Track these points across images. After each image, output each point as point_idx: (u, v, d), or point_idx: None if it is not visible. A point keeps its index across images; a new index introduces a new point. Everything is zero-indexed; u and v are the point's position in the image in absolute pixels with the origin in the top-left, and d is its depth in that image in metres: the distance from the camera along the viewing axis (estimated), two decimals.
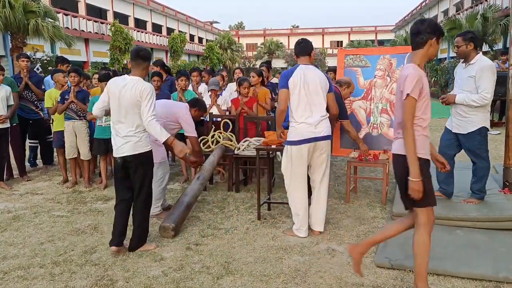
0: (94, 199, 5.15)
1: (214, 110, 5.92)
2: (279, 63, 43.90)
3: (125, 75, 3.62)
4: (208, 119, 5.80)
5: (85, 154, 5.65)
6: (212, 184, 5.70)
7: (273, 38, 50.19)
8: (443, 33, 2.71)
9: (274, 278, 3.08)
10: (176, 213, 4.00)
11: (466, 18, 18.97)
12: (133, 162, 3.48)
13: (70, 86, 5.59)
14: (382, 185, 4.86)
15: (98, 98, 5.28)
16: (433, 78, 27.14)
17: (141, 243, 3.60)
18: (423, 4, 38.10)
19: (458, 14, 26.65)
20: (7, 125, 5.70)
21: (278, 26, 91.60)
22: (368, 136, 4.95)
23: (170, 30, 36.58)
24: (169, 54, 30.87)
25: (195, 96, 5.81)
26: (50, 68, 12.21)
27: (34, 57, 13.97)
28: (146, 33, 31.97)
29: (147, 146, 3.52)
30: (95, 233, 4.04)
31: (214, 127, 5.65)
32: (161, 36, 34.33)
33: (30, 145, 6.80)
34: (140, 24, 33.25)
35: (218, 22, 54.75)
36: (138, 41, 28.06)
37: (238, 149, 5.35)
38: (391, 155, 2.79)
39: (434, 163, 2.97)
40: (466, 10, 25.24)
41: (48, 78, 6.82)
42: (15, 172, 6.30)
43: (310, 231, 3.90)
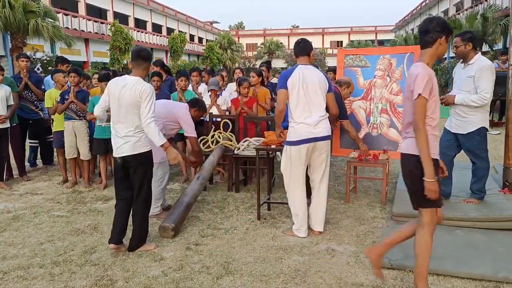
0: (94, 199, 5.15)
1: (214, 110, 5.91)
2: (279, 63, 43.90)
3: (125, 75, 3.62)
4: (208, 119, 5.80)
5: (85, 154, 5.65)
6: (212, 184, 5.70)
7: (273, 38, 50.22)
8: (452, 31, 2.68)
9: (274, 278, 3.08)
10: (176, 213, 4.00)
11: (466, 18, 18.98)
12: (132, 162, 3.48)
13: (70, 86, 5.60)
14: (382, 185, 4.86)
15: (98, 98, 5.33)
16: None
17: (140, 243, 3.60)
18: (423, 4, 38.12)
19: (458, 14, 26.67)
20: (7, 125, 5.71)
21: (278, 26, 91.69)
22: (368, 136, 4.95)
23: (170, 30, 36.59)
24: (169, 54, 30.88)
25: (195, 96, 5.81)
26: (50, 68, 12.21)
27: (34, 57, 13.97)
28: (146, 33, 31.98)
29: (147, 146, 3.52)
30: (95, 233, 4.04)
31: (214, 127, 5.65)
32: (161, 36, 34.35)
33: (30, 145, 6.79)
34: (140, 24, 33.27)
35: (218, 22, 54.83)
36: (138, 41, 28.07)
37: (238, 149, 5.35)
38: (399, 155, 2.77)
39: None
40: (466, 10, 25.26)
41: (48, 78, 6.82)
42: (15, 172, 6.30)
43: (310, 231, 3.90)
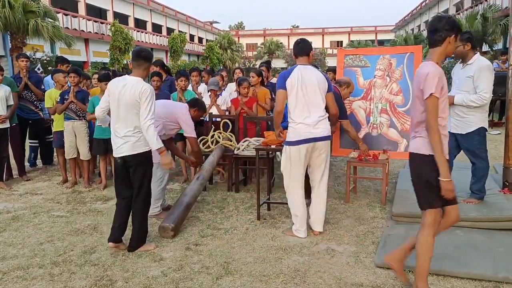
0: (94, 199, 5.15)
1: (213, 110, 5.91)
2: (279, 63, 43.88)
3: (125, 75, 3.62)
4: (207, 119, 5.80)
5: (84, 154, 5.64)
6: (211, 184, 5.70)
7: (273, 38, 50.17)
8: (461, 30, 2.66)
9: (273, 278, 3.07)
10: (175, 213, 4.00)
11: (466, 18, 18.97)
12: (132, 162, 3.48)
13: (70, 86, 5.60)
14: (382, 185, 4.86)
15: (97, 98, 5.34)
16: None
17: (140, 243, 3.60)
18: (423, 4, 38.11)
19: (458, 14, 26.66)
20: (7, 125, 5.70)
21: (278, 26, 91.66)
22: (367, 136, 4.95)
23: (170, 30, 36.59)
24: (169, 54, 30.87)
25: (195, 96, 5.81)
26: (50, 68, 12.21)
27: (34, 57, 13.97)
28: (146, 33, 31.98)
29: (146, 146, 3.51)
30: (95, 233, 4.04)
31: (213, 127, 5.65)
32: (161, 36, 34.34)
33: (30, 145, 6.80)
34: (140, 24, 33.26)
35: (218, 22, 54.79)
36: (138, 41, 28.07)
37: (238, 149, 5.35)
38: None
39: None
40: (466, 10, 25.25)
41: (47, 78, 6.82)
42: (15, 172, 6.30)
43: (310, 231, 3.90)
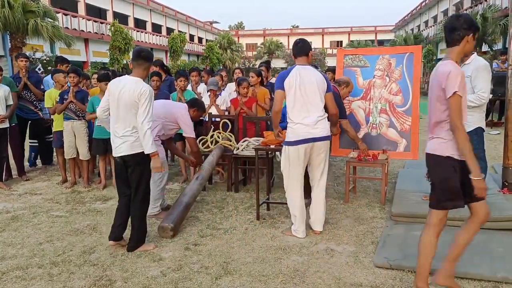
0: (93, 199, 5.15)
1: (213, 110, 5.91)
2: (279, 63, 43.90)
3: (125, 75, 3.62)
4: (207, 119, 5.80)
5: (84, 154, 5.64)
6: (211, 184, 5.70)
7: (273, 38, 50.16)
8: (479, 28, 2.65)
9: (272, 278, 3.07)
10: (175, 213, 4.00)
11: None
12: (130, 162, 3.49)
13: (70, 86, 5.59)
14: (381, 185, 4.86)
15: (97, 98, 5.33)
16: None
17: (139, 244, 3.60)
18: (423, 4, 38.12)
19: None
20: (6, 125, 5.70)
21: (278, 26, 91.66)
22: (367, 136, 4.95)
23: (169, 30, 36.57)
24: (168, 54, 30.85)
25: (195, 96, 5.81)
26: (50, 68, 12.21)
27: (33, 57, 13.97)
28: (146, 33, 31.96)
29: None
30: (94, 233, 4.04)
31: (213, 127, 5.65)
32: (160, 36, 34.33)
33: (30, 145, 6.81)
34: (139, 24, 33.26)
35: (218, 22, 54.77)
36: (138, 41, 28.05)
37: (237, 149, 5.34)
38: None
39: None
40: (466, 10, 25.26)
41: (47, 78, 6.81)
42: (14, 172, 6.30)
43: (311, 231, 3.91)
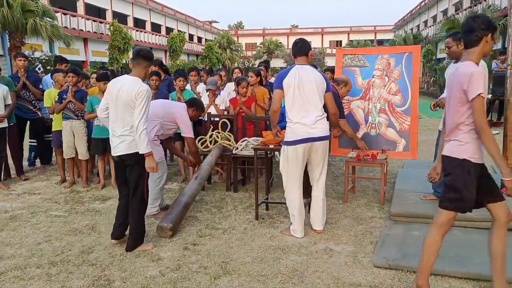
0: (92, 199, 5.14)
1: (212, 110, 5.91)
2: (279, 63, 43.88)
3: (124, 75, 3.61)
4: (206, 119, 5.79)
5: (83, 154, 5.63)
6: (210, 184, 5.69)
7: (272, 38, 50.14)
8: (497, 28, 2.64)
9: (271, 278, 3.07)
10: (173, 213, 4.00)
11: (465, 18, 18.98)
12: (129, 161, 3.49)
13: (68, 86, 5.58)
14: (380, 185, 4.86)
15: (95, 97, 5.33)
16: (432, 78, 27.19)
17: (138, 243, 3.59)
18: (422, 4, 38.13)
19: (457, 14, 26.69)
20: (5, 124, 5.69)
21: (277, 25, 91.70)
22: (366, 136, 4.95)
23: (169, 30, 36.56)
24: (168, 54, 30.85)
25: (194, 96, 5.81)
26: (49, 67, 12.20)
27: (32, 56, 13.95)
28: (145, 32, 31.94)
29: None
30: (93, 233, 4.03)
31: (212, 127, 5.64)
32: (160, 35, 34.31)
33: (30, 144, 6.81)
34: (139, 23, 33.23)
35: (217, 22, 54.74)
36: (137, 40, 28.04)
37: (236, 149, 5.34)
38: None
39: (430, 169, 2.94)
40: (465, 10, 25.28)
41: (46, 78, 6.81)
42: (13, 172, 6.29)
43: (311, 230, 3.91)
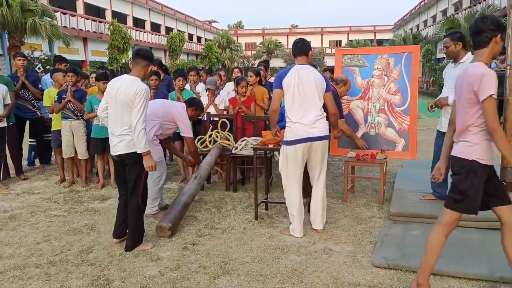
0: (91, 199, 5.14)
1: (211, 110, 5.90)
2: (278, 63, 43.89)
3: (124, 75, 3.61)
4: (205, 119, 5.79)
5: (82, 154, 5.62)
6: (209, 183, 5.69)
7: (272, 38, 50.19)
8: (506, 28, 2.63)
9: (270, 278, 3.07)
10: (173, 212, 4.00)
11: (464, 18, 19.02)
12: (128, 160, 3.49)
13: (68, 85, 5.58)
14: (380, 184, 4.86)
15: (95, 97, 5.33)
16: (431, 78, 27.21)
17: (137, 243, 3.59)
18: (422, 3, 38.15)
19: (457, 13, 26.71)
20: (4, 124, 5.68)
21: (277, 25, 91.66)
22: (365, 135, 4.95)
23: (168, 29, 36.56)
24: (167, 53, 30.84)
25: (193, 95, 5.80)
26: (48, 67, 12.19)
27: (31, 56, 13.95)
28: (145, 32, 31.94)
29: None
30: (92, 232, 4.03)
31: (211, 127, 5.64)
32: (159, 35, 34.30)
33: (30, 144, 6.80)
34: (138, 23, 33.22)
35: (217, 21, 54.60)
36: (137, 40, 28.04)
37: (236, 148, 5.34)
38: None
39: (434, 170, 2.93)
40: (465, 9, 25.30)
41: (45, 77, 6.80)
42: (12, 171, 6.28)
43: (311, 230, 3.91)
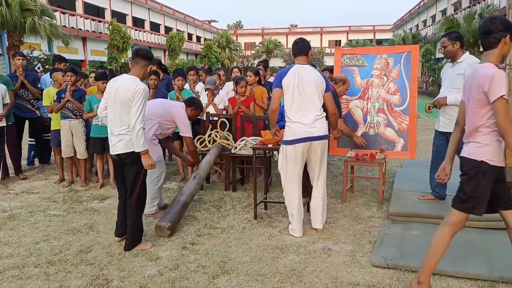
0: (90, 198, 5.14)
1: (211, 109, 5.90)
2: (278, 62, 43.89)
3: (123, 74, 3.61)
4: (205, 118, 5.79)
5: (81, 153, 5.62)
6: (209, 183, 5.69)
7: (271, 37, 50.18)
8: None
9: (270, 278, 3.07)
10: (172, 212, 4.00)
11: (464, 18, 19.05)
12: (127, 160, 3.49)
13: (67, 85, 5.57)
14: (379, 184, 4.86)
15: (94, 97, 5.32)
16: (431, 78, 27.23)
17: (136, 243, 3.59)
18: (421, 3, 38.17)
19: (456, 13, 26.73)
20: (3, 123, 5.67)
21: (277, 25, 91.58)
22: (365, 135, 4.95)
23: (168, 29, 36.55)
24: (167, 53, 30.83)
25: (192, 95, 5.80)
26: (47, 66, 12.19)
27: (31, 55, 13.93)
28: (144, 31, 31.93)
29: None
30: (91, 232, 4.03)
31: (211, 126, 5.64)
32: (159, 35, 34.29)
33: (30, 143, 6.79)
34: (138, 22, 33.21)
35: (216, 21, 54.63)
36: (136, 39, 28.02)
37: (235, 148, 5.34)
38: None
39: (439, 170, 2.86)
40: (464, 9, 25.33)
41: (45, 77, 6.80)
42: (11, 171, 6.27)
43: (312, 229, 3.92)
